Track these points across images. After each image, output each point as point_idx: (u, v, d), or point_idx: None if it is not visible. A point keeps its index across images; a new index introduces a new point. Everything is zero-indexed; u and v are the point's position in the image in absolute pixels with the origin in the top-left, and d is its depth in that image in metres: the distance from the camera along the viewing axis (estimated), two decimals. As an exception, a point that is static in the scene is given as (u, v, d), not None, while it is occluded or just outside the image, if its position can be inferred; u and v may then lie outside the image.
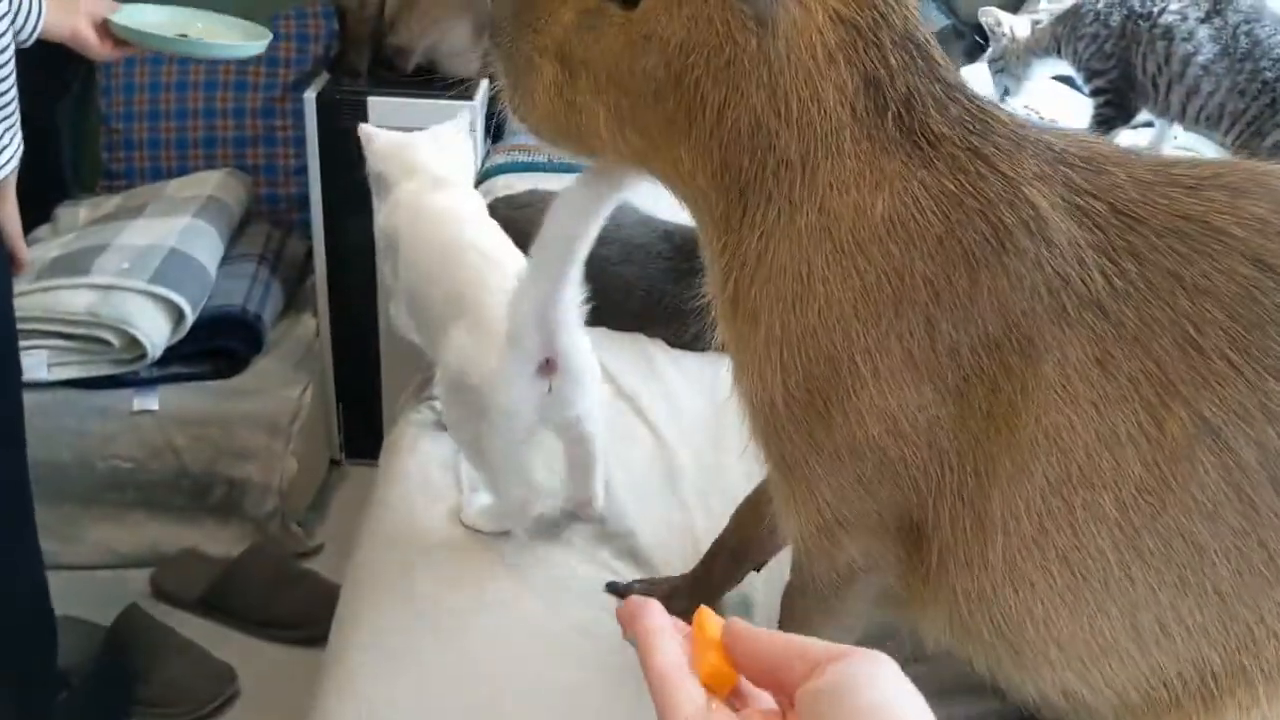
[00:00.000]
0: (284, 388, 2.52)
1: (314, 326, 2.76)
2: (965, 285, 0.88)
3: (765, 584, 1.35)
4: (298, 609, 2.31)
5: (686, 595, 1.32)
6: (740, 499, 1.28)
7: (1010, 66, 2.54)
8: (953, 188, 0.89)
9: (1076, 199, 0.91)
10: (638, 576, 1.40)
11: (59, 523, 2.41)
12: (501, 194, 2.23)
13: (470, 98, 2.53)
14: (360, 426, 2.82)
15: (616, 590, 1.36)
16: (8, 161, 1.50)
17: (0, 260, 1.61)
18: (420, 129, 2.52)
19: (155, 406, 2.41)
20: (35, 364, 2.33)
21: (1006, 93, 2.59)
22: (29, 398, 2.26)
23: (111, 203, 2.77)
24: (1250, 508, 0.87)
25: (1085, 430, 0.89)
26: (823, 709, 0.55)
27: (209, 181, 2.77)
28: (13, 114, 1.49)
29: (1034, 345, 0.89)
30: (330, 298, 2.70)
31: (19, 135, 1.53)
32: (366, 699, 1.20)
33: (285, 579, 2.37)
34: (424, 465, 1.57)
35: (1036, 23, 2.51)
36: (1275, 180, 0.92)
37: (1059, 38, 2.38)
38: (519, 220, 2.01)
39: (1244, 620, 0.91)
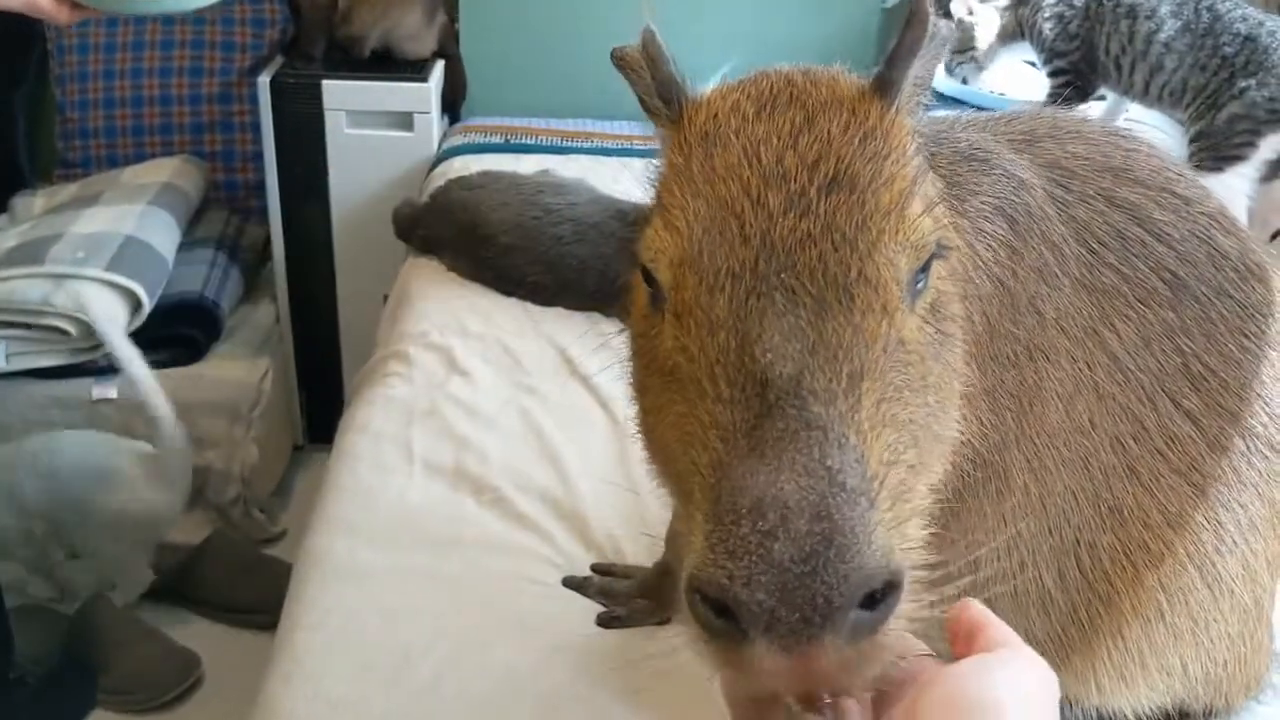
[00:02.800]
0: (244, 374, 2.51)
1: (274, 312, 2.74)
2: (1012, 282, 0.94)
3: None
4: (261, 594, 2.31)
5: (650, 610, 1.34)
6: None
7: (979, 58, 2.56)
8: (986, 196, 0.95)
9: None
10: (591, 560, 1.41)
11: (18, 511, 2.41)
12: (456, 175, 2.23)
13: (425, 79, 2.52)
14: (323, 411, 2.81)
15: (573, 585, 1.37)
16: None
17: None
18: (376, 112, 2.53)
19: (114, 395, 2.40)
20: (-7, 354, 2.32)
21: (964, 81, 2.61)
22: (-13, 387, 2.27)
23: (67, 191, 2.75)
24: (1143, 431, 1.01)
25: (1055, 381, 0.97)
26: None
27: (165, 168, 2.75)
28: None
29: (1040, 317, 0.95)
30: (289, 283, 2.69)
31: None
32: (313, 679, 1.21)
33: (248, 565, 2.37)
34: (376, 445, 1.58)
35: (1004, 10, 2.51)
36: (1072, 124, 1.06)
37: (1021, 20, 2.39)
38: (470, 202, 2.02)
39: (1138, 536, 1.03)
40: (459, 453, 1.56)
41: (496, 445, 1.58)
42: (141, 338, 2.40)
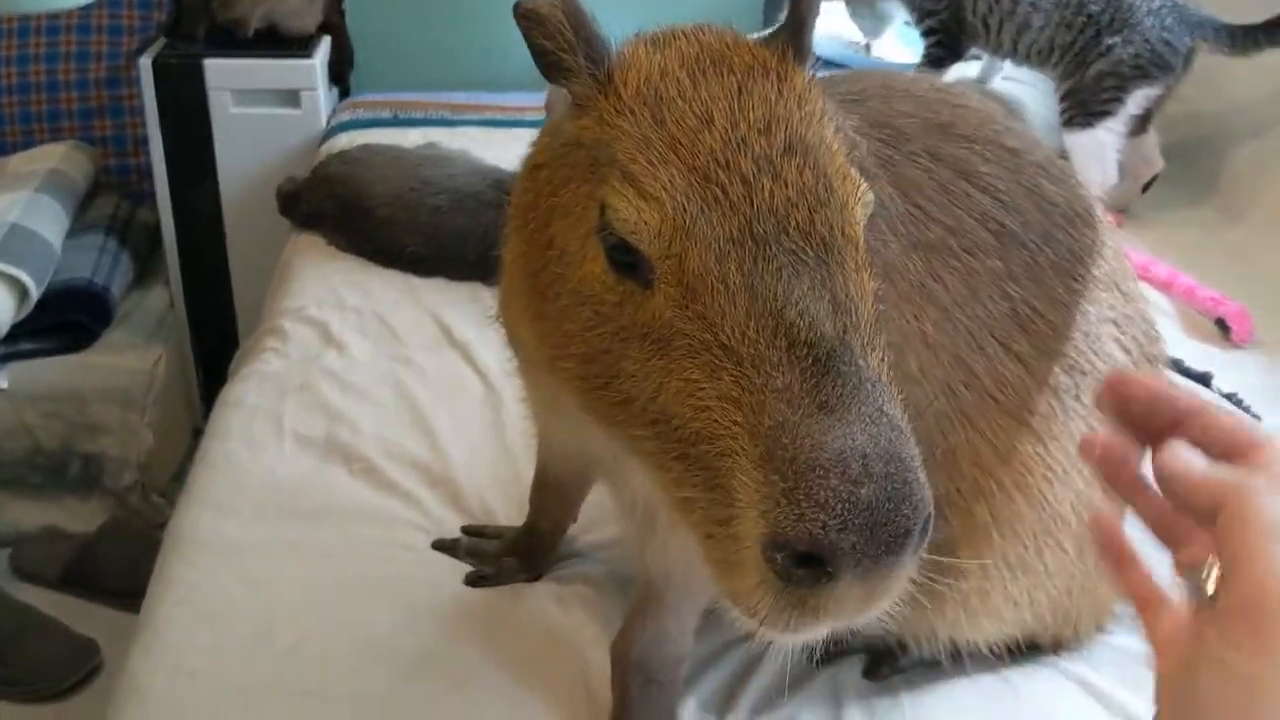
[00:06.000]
0: (137, 360, 2.48)
1: (167, 296, 2.72)
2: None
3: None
4: (161, 579, 2.30)
5: (519, 568, 1.35)
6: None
7: (858, 9, 2.59)
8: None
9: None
10: (462, 523, 1.42)
11: (-90, 505, 2.38)
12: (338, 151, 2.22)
13: (310, 56, 2.51)
14: (223, 394, 2.79)
15: (443, 547, 1.38)
16: None
17: None
18: (261, 90, 2.51)
19: (4, 385, 2.36)
20: (-124, 347, 2.28)
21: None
22: None
23: (-49, 181, 2.70)
24: (973, 377, 1.05)
25: (888, 333, 0.99)
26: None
27: (52, 154, 2.70)
28: None
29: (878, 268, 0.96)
30: (182, 266, 2.66)
31: None
32: (174, 651, 1.21)
33: (147, 549, 2.33)
34: (248, 421, 1.57)
35: None
36: (903, 83, 1.10)
37: None
38: (350, 175, 2.02)
39: (972, 477, 1.07)
40: (330, 425, 1.56)
41: (369, 417, 1.58)
42: (30, 325, 2.37)
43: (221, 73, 2.45)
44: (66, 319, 2.44)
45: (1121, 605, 1.26)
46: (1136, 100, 2.11)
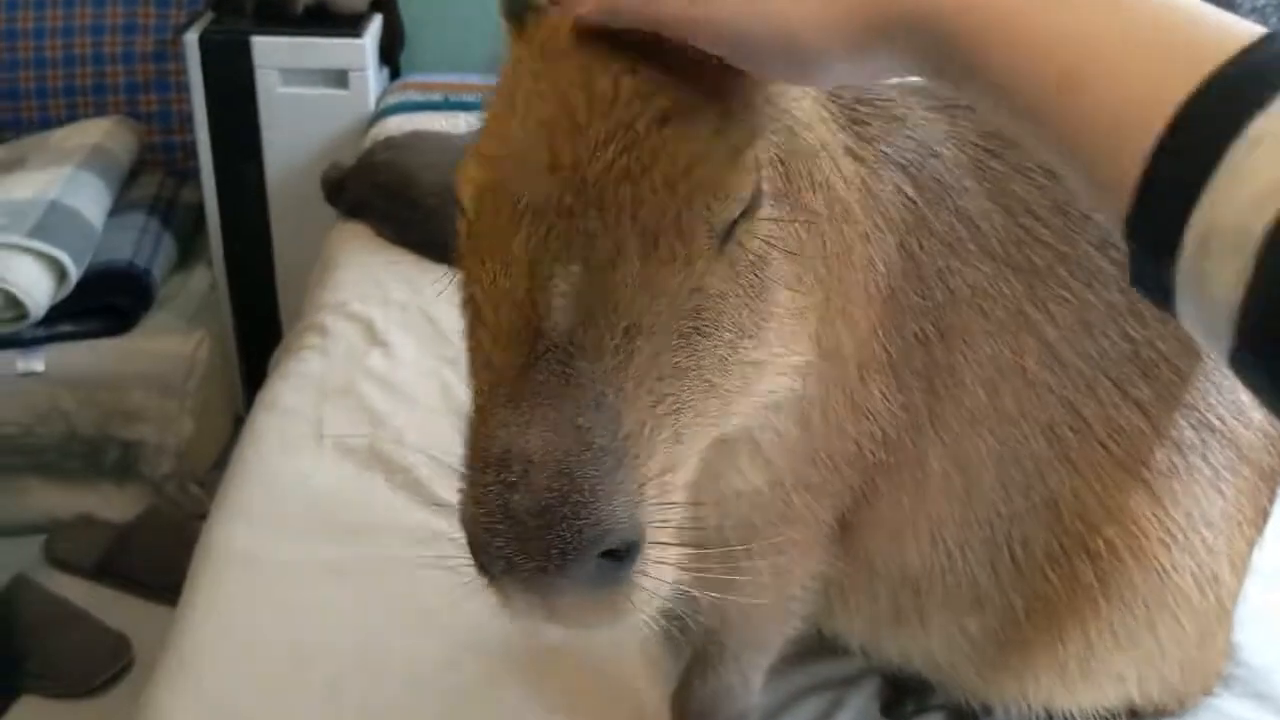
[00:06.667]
0: (177, 344, 2.42)
1: (210, 279, 2.65)
2: (918, 250, 0.86)
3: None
4: (196, 573, 2.24)
5: None
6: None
7: None
8: (901, 158, 0.88)
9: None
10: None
11: (-55, 489, 2.33)
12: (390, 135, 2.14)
13: (360, 35, 2.42)
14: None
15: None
16: None
17: None
18: (310, 69, 2.43)
19: (41, 368, 2.31)
20: (-88, 326, 2.23)
21: None
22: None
23: (-8, 155, 2.65)
24: (1079, 420, 0.94)
25: (975, 366, 0.90)
26: None
27: (95, 130, 2.64)
28: None
29: (950, 291, 0.88)
30: (225, 248, 2.59)
31: None
32: (197, 681, 1.13)
33: (183, 542, 2.26)
34: (284, 424, 1.49)
35: None
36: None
37: None
38: (396, 163, 1.93)
39: (1077, 532, 0.96)
40: (372, 431, 1.47)
41: (413, 423, 1.49)
42: (69, 307, 2.31)
43: (269, 51, 2.37)
44: (106, 301, 2.38)
45: (1231, 667, 1.15)
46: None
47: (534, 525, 0.57)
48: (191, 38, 2.40)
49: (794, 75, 0.65)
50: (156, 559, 2.26)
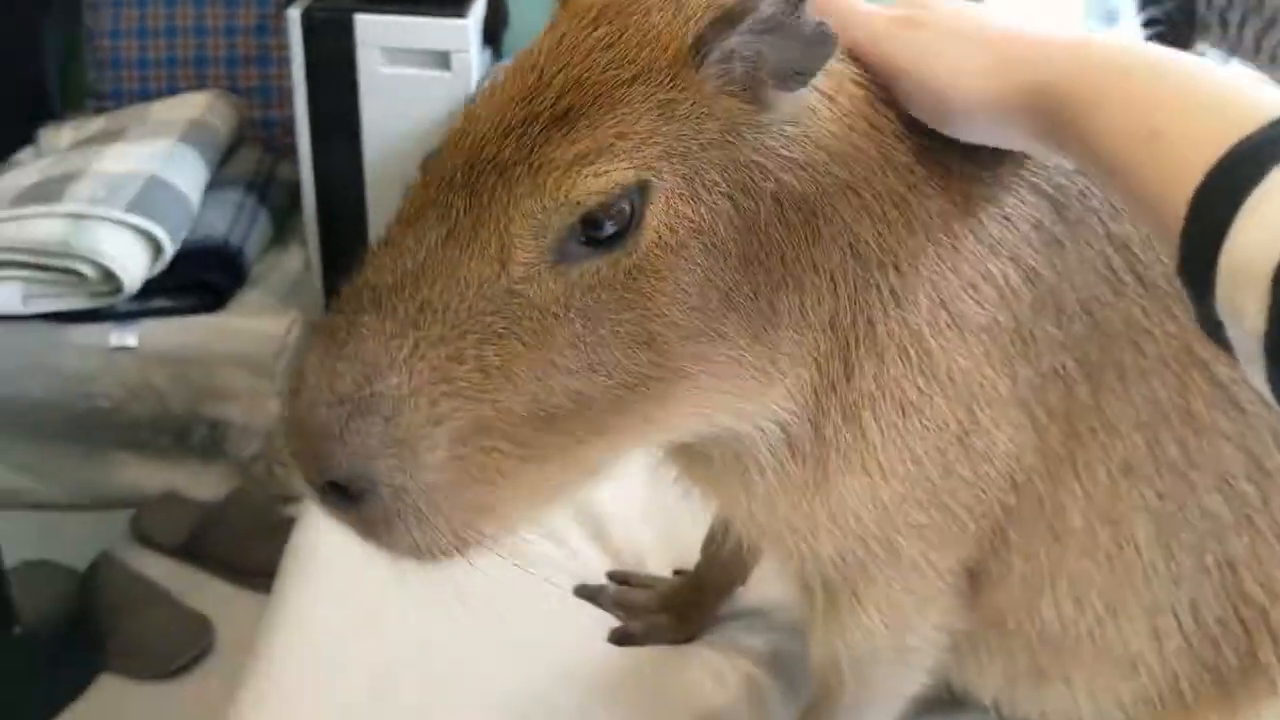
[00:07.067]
0: (269, 324, 2.39)
1: (304, 259, 2.61)
2: (1054, 278, 0.79)
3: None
4: (279, 558, 2.20)
5: (671, 627, 1.20)
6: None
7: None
8: (1019, 171, 0.80)
9: None
10: (608, 566, 1.28)
11: (37, 460, 2.34)
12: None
13: (464, 16, 2.36)
14: (355, 364, 2.69)
15: (586, 595, 1.24)
16: None
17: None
18: (412, 49, 2.37)
19: (134, 343, 2.29)
20: (10, 296, 2.22)
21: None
22: (4, 331, 2.18)
23: (94, 125, 2.63)
24: (1261, 472, 0.85)
25: (1130, 409, 0.82)
26: None
27: (195, 103, 2.62)
28: None
29: (1096, 324, 0.80)
30: (320, 228, 2.55)
31: None
32: (287, 700, 1.09)
33: (268, 526, 2.25)
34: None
35: None
36: None
37: None
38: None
39: (1259, 602, 0.87)
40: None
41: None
42: (163, 283, 2.29)
43: (372, 29, 2.31)
44: (200, 278, 2.36)
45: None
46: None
47: (295, 441, 0.66)
48: (294, 13, 2.36)
49: (939, 125, 0.74)
50: (241, 541, 2.24)
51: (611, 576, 1.26)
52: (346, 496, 0.66)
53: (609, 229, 0.67)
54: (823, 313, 0.74)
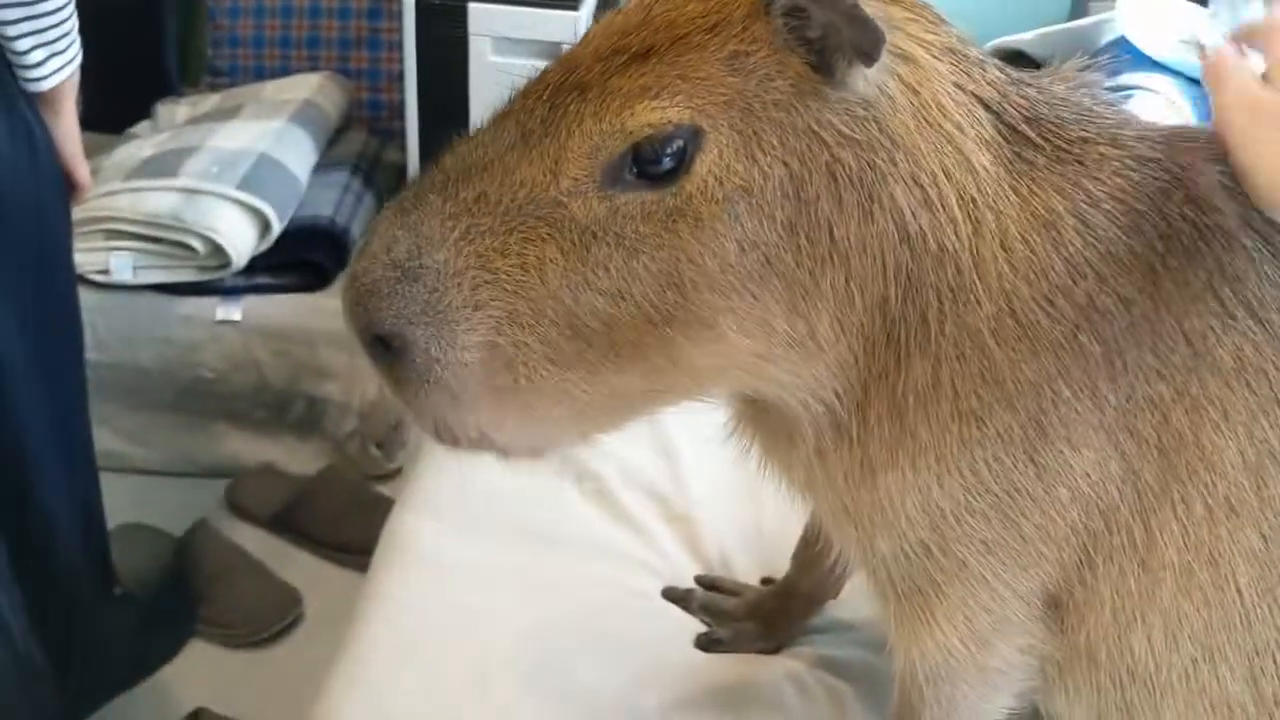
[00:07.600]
0: (369, 305, 2.42)
1: (407, 242, 2.65)
2: (1149, 305, 0.78)
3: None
4: (370, 534, 2.22)
5: (758, 635, 1.21)
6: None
7: None
8: (1119, 194, 0.79)
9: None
10: (696, 570, 1.28)
11: (138, 427, 2.39)
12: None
13: (576, 8, 2.37)
14: (451, 348, 2.72)
15: (674, 598, 1.24)
16: (56, 71, 1.40)
17: (55, 180, 1.51)
18: (524, 40, 2.39)
19: (238, 317, 2.34)
20: (121, 265, 2.28)
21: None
22: (115, 300, 2.24)
23: (209, 102, 2.69)
24: None
25: (1235, 448, 0.80)
26: None
27: (307, 84, 2.67)
28: (64, 19, 1.38)
29: (1199, 356, 0.78)
30: (424, 213, 2.57)
31: (76, 43, 1.43)
32: (378, 688, 1.11)
33: (359, 503, 2.30)
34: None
35: None
36: None
37: None
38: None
39: None
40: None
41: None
42: (269, 260, 2.34)
43: (485, 17, 2.33)
44: (305, 257, 2.40)
45: None
46: None
47: (345, 286, 0.75)
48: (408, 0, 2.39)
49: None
50: (332, 517, 2.28)
51: (700, 581, 1.27)
52: (389, 350, 0.73)
53: (662, 165, 0.71)
54: (870, 295, 0.75)
